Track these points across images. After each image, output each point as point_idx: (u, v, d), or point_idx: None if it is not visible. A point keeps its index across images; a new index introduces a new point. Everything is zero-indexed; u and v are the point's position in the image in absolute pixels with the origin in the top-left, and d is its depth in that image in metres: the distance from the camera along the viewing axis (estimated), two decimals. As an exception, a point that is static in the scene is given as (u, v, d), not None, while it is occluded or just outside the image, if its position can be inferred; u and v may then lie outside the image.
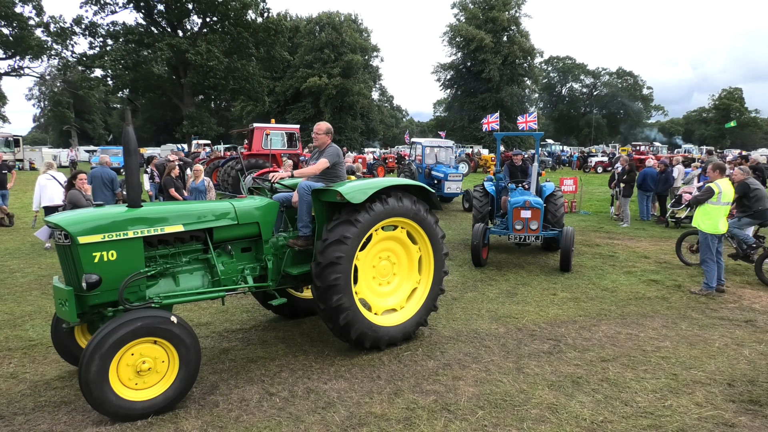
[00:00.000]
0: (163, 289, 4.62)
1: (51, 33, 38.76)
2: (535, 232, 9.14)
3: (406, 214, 5.46)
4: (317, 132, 5.79)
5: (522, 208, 9.18)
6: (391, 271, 5.71)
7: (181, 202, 5.21)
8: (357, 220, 5.06)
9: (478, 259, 9.32)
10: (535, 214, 9.17)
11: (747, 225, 8.95)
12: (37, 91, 76.97)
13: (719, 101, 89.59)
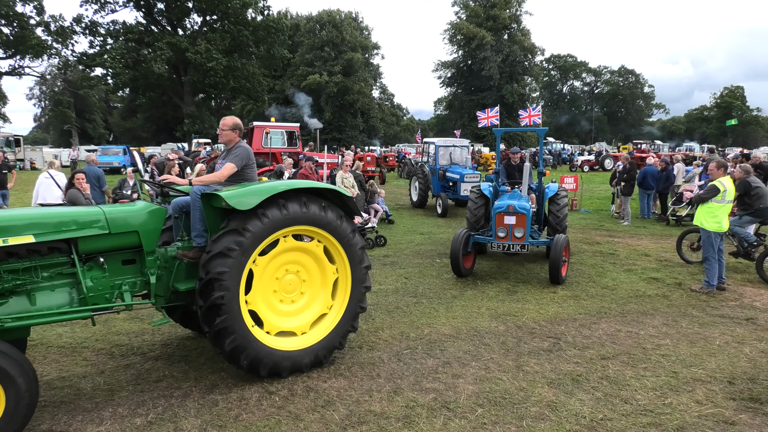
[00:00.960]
0: (13, 309, 3.95)
1: (51, 32, 38.74)
2: (520, 240, 8.11)
3: (314, 221, 4.73)
4: (222, 128, 5.08)
5: (505, 213, 8.20)
6: (298, 288, 4.94)
7: (42, 208, 4.67)
8: (246, 229, 4.36)
9: (457, 268, 8.35)
10: (520, 220, 8.13)
11: (748, 223, 8.94)
12: (38, 90, 77.04)
13: (721, 99, 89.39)
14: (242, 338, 4.45)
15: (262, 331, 4.70)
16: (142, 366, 5.16)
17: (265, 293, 4.75)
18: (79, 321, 6.42)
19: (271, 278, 4.78)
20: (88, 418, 4.16)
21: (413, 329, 6.13)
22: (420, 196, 17.32)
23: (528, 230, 8.21)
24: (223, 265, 4.31)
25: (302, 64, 60.64)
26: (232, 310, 4.39)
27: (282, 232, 4.62)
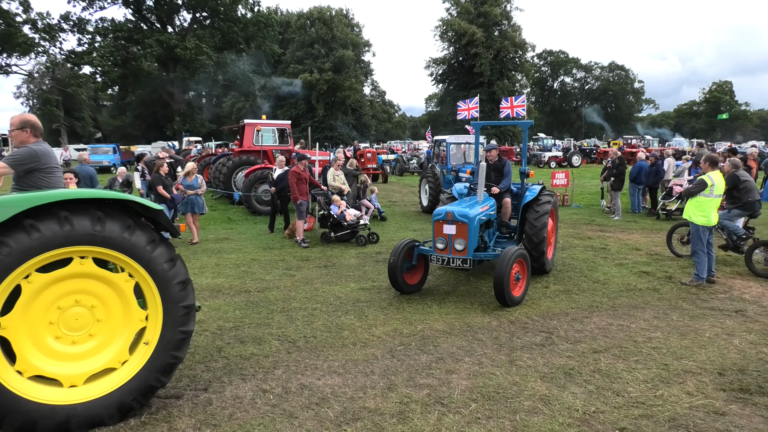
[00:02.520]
0: None
1: (38, 30, 38.34)
2: (461, 253, 6.89)
3: (110, 243, 3.73)
4: (10, 127, 4.42)
5: (444, 222, 7.00)
6: (87, 327, 3.88)
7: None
8: (3, 243, 3.41)
9: (396, 284, 7.16)
10: (460, 230, 6.89)
11: (737, 216, 9.03)
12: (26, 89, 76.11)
13: (709, 94, 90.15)
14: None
15: (10, 367, 3.60)
16: (134, 365, 5.12)
17: (34, 321, 3.68)
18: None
19: (50, 305, 3.72)
20: (80, 418, 4.13)
21: (406, 325, 6.15)
22: (431, 199, 15.34)
23: (472, 242, 6.97)
24: None
25: (293, 62, 60.43)
26: None
27: (64, 251, 3.62)
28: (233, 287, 7.84)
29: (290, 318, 6.49)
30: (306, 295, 7.35)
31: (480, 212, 7.30)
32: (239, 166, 16.80)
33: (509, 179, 8.51)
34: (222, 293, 7.55)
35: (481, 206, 7.48)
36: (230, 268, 9.02)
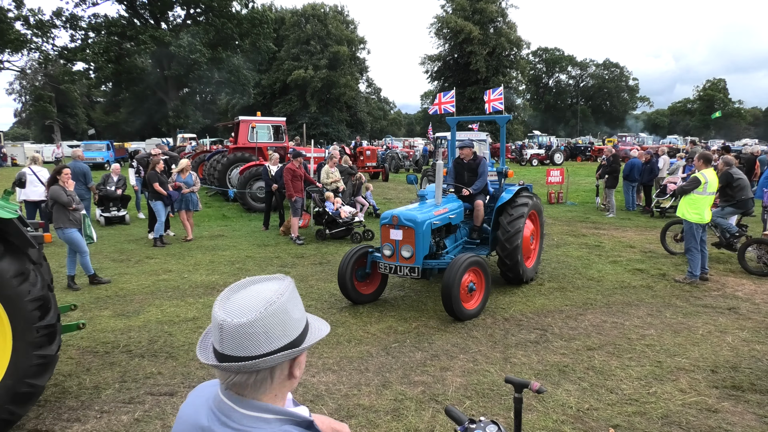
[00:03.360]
0: None
1: (31, 26, 37.99)
2: (409, 261, 6.34)
3: None
4: None
5: (390, 226, 6.43)
6: None
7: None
8: None
9: (346, 292, 6.66)
10: (407, 236, 6.31)
11: (730, 214, 9.07)
12: (18, 85, 75.59)
13: (703, 92, 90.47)
14: None
15: None
16: (128, 363, 5.11)
17: None
18: (63, 319, 6.35)
19: None
20: (74, 416, 4.12)
21: (401, 323, 6.15)
22: None
23: (422, 249, 6.34)
24: None
25: (288, 59, 60.19)
26: None
27: None
28: (228, 284, 7.73)
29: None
30: (301, 292, 7.30)
31: (432, 216, 6.58)
32: (234, 163, 16.74)
33: (484, 180, 7.67)
34: (216, 290, 7.53)
35: (436, 209, 6.80)
36: (225, 265, 9.00)
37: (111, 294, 7.38)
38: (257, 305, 1.13)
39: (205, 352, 1.21)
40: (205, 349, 1.22)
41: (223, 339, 1.13)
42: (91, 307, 6.83)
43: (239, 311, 1.14)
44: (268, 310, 1.13)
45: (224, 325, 1.13)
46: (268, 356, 1.13)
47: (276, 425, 1.15)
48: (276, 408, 1.18)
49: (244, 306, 1.14)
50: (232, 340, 1.12)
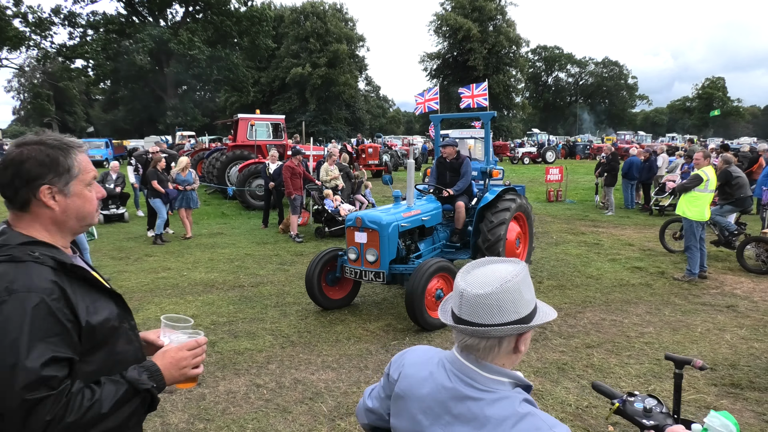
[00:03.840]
0: None
1: (29, 23, 37.92)
2: (373, 266, 5.98)
3: None
4: None
5: (355, 229, 6.10)
6: None
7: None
8: None
9: (314, 297, 6.37)
10: (372, 239, 5.95)
11: (729, 212, 9.08)
12: (17, 82, 75.36)
13: (702, 90, 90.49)
14: None
15: None
16: (127, 361, 5.10)
17: None
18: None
19: None
20: (73, 414, 4.11)
21: (400, 320, 6.15)
22: None
23: (387, 253, 5.98)
24: None
25: (287, 56, 60.10)
26: None
27: None
28: (227, 282, 7.81)
29: (284, 313, 6.48)
30: (300, 290, 7.33)
31: (400, 218, 6.19)
32: (233, 160, 16.73)
33: (467, 180, 7.28)
34: (215, 288, 7.53)
35: (405, 211, 6.40)
36: (224, 263, 8.99)
37: (110, 292, 7.37)
38: (494, 281, 1.30)
39: (445, 314, 1.41)
40: (444, 312, 1.41)
41: (462, 305, 1.33)
42: (90, 304, 6.82)
43: (478, 284, 1.31)
44: (503, 287, 1.28)
45: (464, 294, 1.32)
46: (498, 327, 1.29)
47: (508, 387, 1.34)
48: (509, 372, 1.37)
49: (483, 280, 1.32)
50: (469, 307, 1.31)
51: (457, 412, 1.33)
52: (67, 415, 1.30)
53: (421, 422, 1.40)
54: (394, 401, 1.51)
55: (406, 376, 1.48)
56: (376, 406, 1.61)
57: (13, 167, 1.47)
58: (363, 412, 1.66)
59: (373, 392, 1.65)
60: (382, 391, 1.60)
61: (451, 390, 1.35)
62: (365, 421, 1.66)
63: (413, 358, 1.52)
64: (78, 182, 1.56)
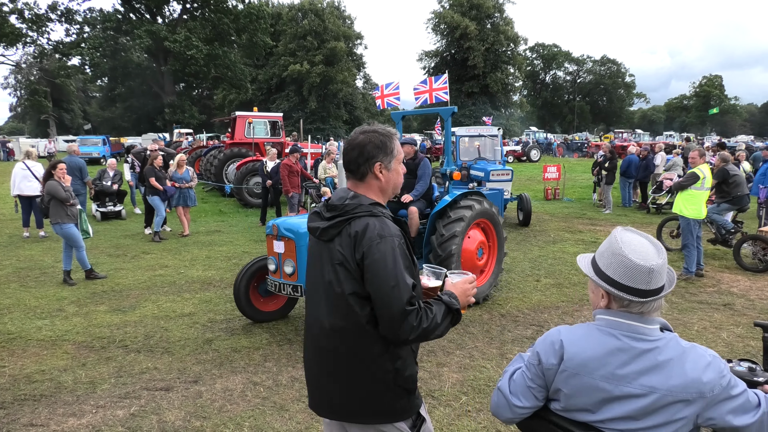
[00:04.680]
0: None
1: (26, 20, 37.76)
2: (291, 278, 5.32)
3: None
4: None
5: (272, 237, 5.49)
6: None
7: None
8: None
9: (241, 308, 5.92)
10: (289, 249, 5.30)
11: (726, 210, 9.10)
12: (13, 79, 75.09)
13: (700, 88, 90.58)
14: None
15: None
16: (124, 358, 5.10)
17: None
18: (59, 314, 6.35)
19: None
20: (69, 411, 4.11)
21: (398, 318, 6.14)
22: None
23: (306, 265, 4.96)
24: None
25: (285, 54, 59.97)
26: None
27: None
28: (224, 280, 7.80)
29: (281, 311, 6.47)
30: (297, 288, 7.32)
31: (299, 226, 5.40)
32: (231, 158, 16.70)
33: (424, 183, 6.55)
34: (213, 286, 7.52)
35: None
36: (221, 261, 8.98)
37: (107, 289, 7.37)
38: (653, 251, 1.64)
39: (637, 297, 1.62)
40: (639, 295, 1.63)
41: (651, 279, 1.60)
42: (87, 302, 6.81)
43: (652, 255, 1.62)
44: (665, 262, 1.65)
45: (653, 269, 1.60)
46: (664, 292, 1.64)
47: (659, 331, 1.63)
48: (658, 319, 1.67)
49: (648, 251, 1.63)
50: (656, 277, 1.61)
51: (638, 367, 1.56)
52: (422, 323, 1.86)
53: (605, 388, 1.58)
54: (564, 382, 1.65)
55: (573, 355, 1.64)
56: (529, 402, 1.74)
57: (359, 148, 2.04)
58: (508, 409, 1.78)
59: (518, 389, 1.76)
60: (533, 383, 1.73)
61: (627, 350, 1.58)
62: (509, 416, 1.79)
63: (570, 338, 1.69)
64: (396, 161, 2.11)
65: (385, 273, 1.86)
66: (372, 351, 1.96)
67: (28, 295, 7.12)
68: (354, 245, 1.94)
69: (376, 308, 1.90)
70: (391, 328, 1.86)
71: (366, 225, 1.93)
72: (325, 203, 2.13)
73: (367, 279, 1.91)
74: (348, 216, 1.98)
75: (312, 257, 2.17)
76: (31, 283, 7.69)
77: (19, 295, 7.09)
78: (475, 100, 60.08)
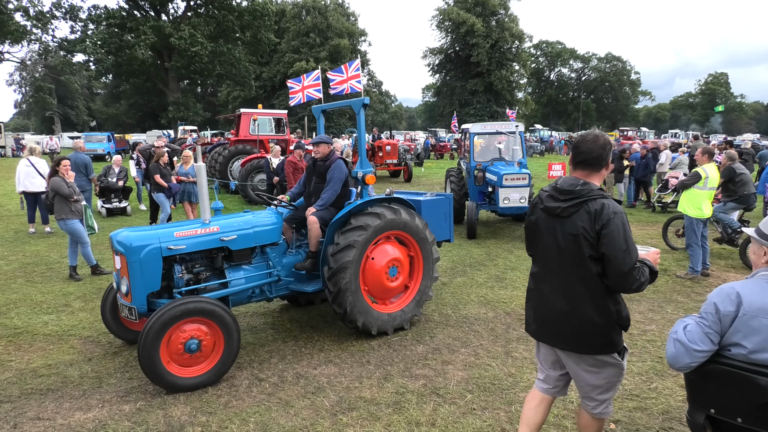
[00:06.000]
0: None
1: (30, 17, 37.81)
2: (126, 298, 4.59)
3: None
4: None
5: (115, 253, 4.69)
6: None
7: None
8: None
9: (105, 321, 5.26)
10: (124, 265, 4.54)
11: (732, 209, 9.05)
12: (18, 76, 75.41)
13: (705, 86, 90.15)
14: None
15: None
16: (130, 353, 5.12)
17: None
18: (65, 309, 6.38)
19: None
20: (75, 405, 4.13)
21: (402, 316, 6.14)
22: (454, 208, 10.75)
23: (141, 284, 4.52)
24: None
25: (288, 51, 60.00)
26: None
27: None
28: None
29: (286, 307, 6.48)
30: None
31: (170, 238, 4.68)
32: (235, 155, 16.72)
33: (333, 189, 5.55)
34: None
35: (186, 229, 4.84)
36: (226, 258, 8.98)
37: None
38: None
39: None
40: None
41: None
42: (93, 297, 6.84)
43: None
44: None
45: None
46: None
47: None
48: None
49: None
50: None
51: None
52: (640, 278, 2.61)
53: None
54: (744, 324, 2.19)
55: (751, 302, 2.19)
56: (706, 346, 2.30)
57: (603, 149, 2.76)
58: (688, 355, 2.33)
59: (695, 337, 2.33)
60: (710, 329, 2.30)
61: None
62: (688, 361, 2.34)
63: (743, 289, 2.26)
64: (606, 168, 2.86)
65: (619, 240, 2.57)
66: (600, 297, 2.69)
67: (34, 290, 7.15)
68: (593, 219, 2.63)
69: (610, 266, 2.60)
70: (620, 281, 2.60)
71: (602, 204, 2.64)
72: (556, 188, 2.83)
73: (603, 244, 2.60)
74: (584, 198, 2.69)
75: (543, 230, 2.89)
76: (37, 279, 7.73)
77: (26, 291, 7.12)
78: (479, 99, 59.96)
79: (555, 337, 2.89)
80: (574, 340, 2.79)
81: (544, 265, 2.91)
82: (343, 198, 5.72)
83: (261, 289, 5.34)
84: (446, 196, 6.59)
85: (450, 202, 6.63)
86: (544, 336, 2.96)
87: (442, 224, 6.52)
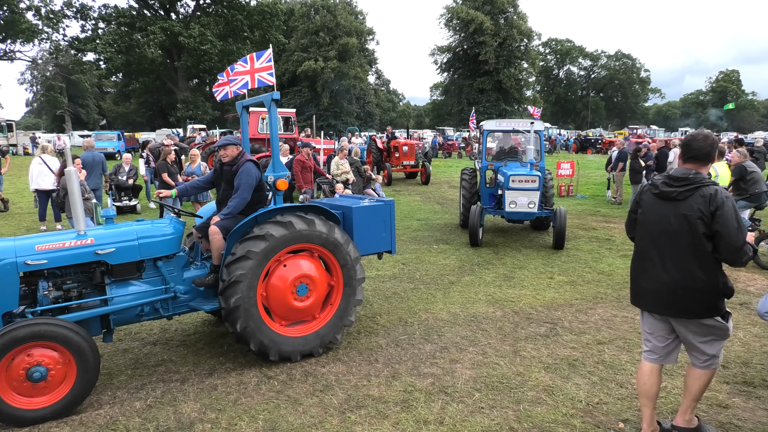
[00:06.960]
0: None
1: (42, 16, 38.16)
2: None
3: None
4: None
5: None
6: None
7: None
8: None
9: None
10: None
11: (743, 208, 8.96)
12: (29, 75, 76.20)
13: (716, 84, 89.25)
14: None
15: None
16: (140, 351, 5.17)
17: None
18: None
19: None
20: (86, 401, 4.17)
21: (411, 315, 6.16)
22: (465, 204, 11.00)
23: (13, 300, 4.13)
24: None
25: (297, 50, 60.13)
26: None
27: None
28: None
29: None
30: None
31: (29, 252, 4.21)
32: (243, 154, 16.76)
33: (243, 198, 4.97)
34: (226, 281, 7.57)
35: (50, 242, 4.35)
36: (235, 256, 9.02)
37: (123, 283, 7.45)
38: None
39: None
40: None
41: None
42: (103, 296, 6.90)
43: None
44: None
45: None
46: None
47: None
48: None
49: None
50: None
51: None
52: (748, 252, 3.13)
53: None
54: None
55: None
56: None
57: (712, 147, 3.28)
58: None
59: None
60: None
61: None
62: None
63: None
64: None
65: (732, 219, 3.08)
66: (711, 269, 3.22)
67: (46, 288, 7.22)
68: (708, 202, 3.11)
69: (723, 242, 3.11)
70: (733, 255, 3.14)
71: (716, 190, 3.13)
72: (669, 176, 3.33)
73: (718, 223, 3.09)
74: (698, 184, 3.18)
75: (654, 213, 3.38)
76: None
77: (38, 288, 7.19)
78: (488, 98, 59.74)
79: (666, 307, 3.34)
80: (684, 308, 3.27)
81: (655, 244, 3.36)
82: (256, 205, 5.12)
83: (153, 307, 4.72)
84: (386, 202, 5.87)
85: (391, 209, 5.85)
86: (656, 307, 3.39)
87: (380, 234, 5.80)
